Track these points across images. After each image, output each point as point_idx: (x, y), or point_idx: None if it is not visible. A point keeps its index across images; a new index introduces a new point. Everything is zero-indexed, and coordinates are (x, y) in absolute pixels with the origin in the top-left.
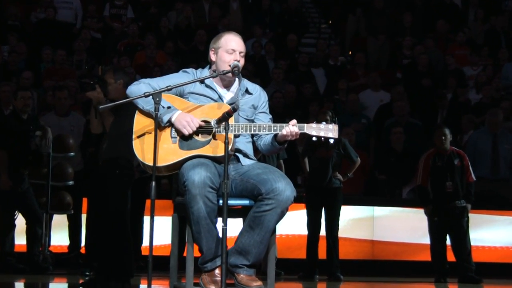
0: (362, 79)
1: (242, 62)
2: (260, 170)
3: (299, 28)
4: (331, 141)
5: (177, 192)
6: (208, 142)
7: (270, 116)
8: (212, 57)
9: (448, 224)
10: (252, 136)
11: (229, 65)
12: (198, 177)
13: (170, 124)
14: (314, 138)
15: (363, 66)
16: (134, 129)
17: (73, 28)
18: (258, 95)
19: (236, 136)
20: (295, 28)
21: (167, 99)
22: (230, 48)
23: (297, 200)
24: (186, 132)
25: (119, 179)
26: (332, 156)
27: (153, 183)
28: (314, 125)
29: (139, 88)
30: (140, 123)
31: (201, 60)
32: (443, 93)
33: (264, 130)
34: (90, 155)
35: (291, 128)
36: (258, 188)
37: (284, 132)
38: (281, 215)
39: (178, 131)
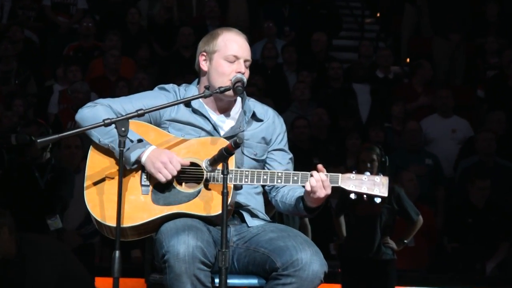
0: (425, 99)
1: (247, 75)
2: (274, 233)
3: (332, 25)
4: (378, 200)
5: (152, 266)
6: (196, 194)
7: (291, 156)
8: (203, 65)
9: None
10: (263, 185)
11: (230, 80)
12: (185, 248)
13: (139, 165)
14: (352, 196)
15: (427, 80)
16: (87, 172)
17: None
18: (272, 123)
19: (236, 188)
20: (326, 25)
21: (137, 129)
22: (231, 54)
23: (329, 278)
24: (162, 177)
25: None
26: (380, 214)
27: (117, 252)
28: (352, 176)
29: (95, 112)
30: (96, 163)
31: (187, 71)
32: None
33: (279, 181)
34: None
35: (320, 175)
36: (272, 260)
37: (308, 186)
38: None
39: (151, 176)
